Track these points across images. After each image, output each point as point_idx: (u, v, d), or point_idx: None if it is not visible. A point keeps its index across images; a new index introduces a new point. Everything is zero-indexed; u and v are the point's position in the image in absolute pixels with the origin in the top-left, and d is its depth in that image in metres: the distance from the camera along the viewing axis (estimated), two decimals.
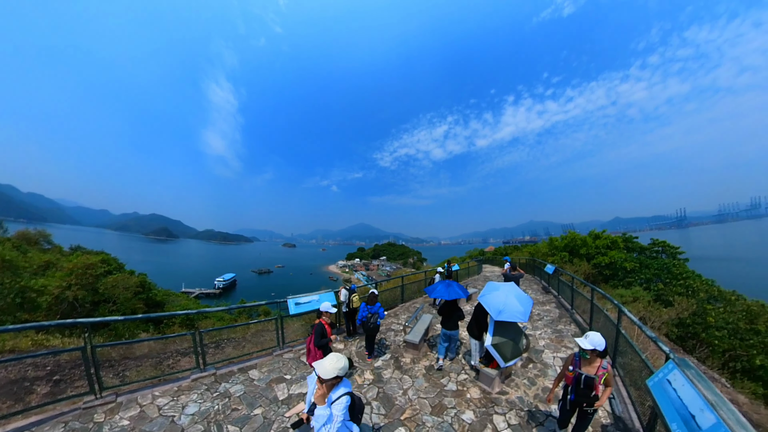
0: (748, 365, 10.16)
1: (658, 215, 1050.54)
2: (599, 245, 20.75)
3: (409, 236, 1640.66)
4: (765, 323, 11.07)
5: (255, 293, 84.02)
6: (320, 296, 7.70)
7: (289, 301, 7.26)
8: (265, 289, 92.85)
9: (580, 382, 3.42)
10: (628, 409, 4.65)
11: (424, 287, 13.01)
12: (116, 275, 13.99)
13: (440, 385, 5.65)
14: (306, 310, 7.43)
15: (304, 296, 7.54)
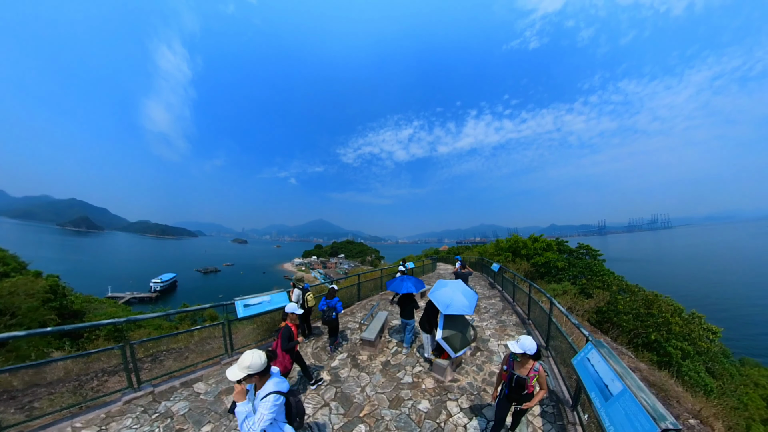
0: (647, 340, 12.83)
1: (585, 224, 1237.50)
2: (537, 247, 23.47)
3: (367, 234, 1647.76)
4: (657, 308, 13.89)
5: (200, 296, 73.21)
6: (272, 297, 7.24)
7: (237, 303, 6.64)
8: (212, 290, 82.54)
9: (512, 381, 3.62)
10: (559, 383, 5.52)
11: (380, 285, 13.32)
12: (15, 278, 11.04)
13: (397, 378, 5.87)
14: (257, 312, 6.87)
15: (254, 297, 6.96)
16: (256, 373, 2.54)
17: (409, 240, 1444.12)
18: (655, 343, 12.52)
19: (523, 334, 7.85)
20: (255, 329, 7.98)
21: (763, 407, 12.36)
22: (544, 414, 4.72)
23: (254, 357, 2.54)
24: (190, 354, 7.26)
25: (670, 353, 11.88)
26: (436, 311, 5.94)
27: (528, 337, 3.59)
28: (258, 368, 2.53)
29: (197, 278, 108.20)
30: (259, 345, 7.05)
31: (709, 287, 57.30)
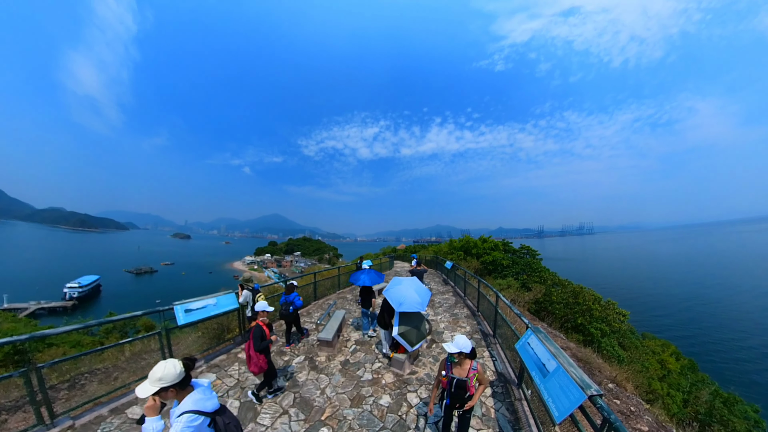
0: (574, 324, 15.40)
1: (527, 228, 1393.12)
2: (486, 247, 25.59)
3: (325, 231, 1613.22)
4: (582, 298, 16.67)
5: (131, 302, 61.21)
6: (218, 299, 6.51)
7: (177, 309, 5.72)
8: (147, 295, 69.87)
9: (452, 385, 3.46)
10: (506, 366, 6.13)
11: (338, 284, 13.15)
12: None
13: (357, 377, 5.82)
14: (201, 317, 6.05)
15: (198, 300, 6.15)
16: (172, 386, 2.15)
17: (368, 238, 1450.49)
18: (581, 326, 15.19)
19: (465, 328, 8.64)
20: (200, 337, 7.10)
21: (658, 368, 15.83)
22: (495, 394, 5.22)
23: (167, 367, 2.15)
24: (121, 373, 6.03)
25: (592, 333, 14.55)
26: (389, 309, 6.17)
27: (462, 336, 3.46)
28: (172, 379, 2.14)
29: (128, 281, 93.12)
30: (205, 355, 6.45)
31: (620, 280, 71.99)
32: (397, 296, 5.87)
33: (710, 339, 34.60)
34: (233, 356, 6.54)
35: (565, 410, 2.94)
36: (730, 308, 45.40)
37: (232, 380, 5.56)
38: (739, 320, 39.98)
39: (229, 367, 6.05)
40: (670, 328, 37.51)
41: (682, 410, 12.23)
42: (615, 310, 16.77)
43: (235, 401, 4.92)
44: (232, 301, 6.82)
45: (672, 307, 47.80)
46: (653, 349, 19.07)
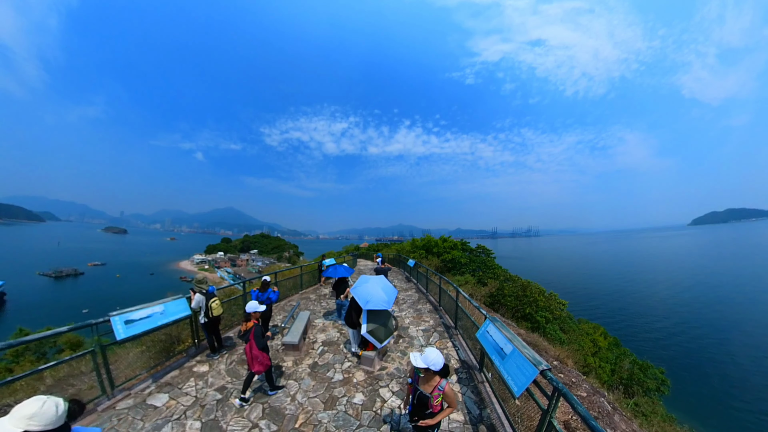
0: (524, 313, 17.65)
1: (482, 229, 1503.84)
2: (446, 246, 27.07)
3: (285, 228, 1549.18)
4: (530, 291, 19.02)
5: (49, 313, 49.92)
6: (165, 306, 5.67)
7: (115, 320, 4.74)
8: (70, 304, 58.51)
9: (415, 396, 3.15)
10: (468, 354, 6.59)
11: (300, 284, 12.76)
12: None
13: (327, 379, 5.70)
14: (146, 329, 5.13)
15: (140, 309, 5.23)
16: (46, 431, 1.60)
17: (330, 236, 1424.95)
18: (529, 315, 17.48)
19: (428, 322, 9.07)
20: (144, 352, 6.06)
21: (591, 346, 19.03)
22: (460, 380, 5.57)
23: (45, 406, 1.61)
24: None
25: (538, 321, 16.98)
26: (360, 306, 6.19)
27: (434, 350, 3.01)
28: (47, 424, 1.59)
29: (43, 286, 76.46)
30: (153, 372, 5.58)
31: (561, 275, 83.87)
32: (364, 294, 5.96)
33: (630, 321, 42.46)
34: (187, 371, 5.79)
35: (522, 385, 3.43)
36: (645, 297, 55.26)
37: (188, 398, 4.92)
38: (652, 306, 49.08)
39: (184, 384, 5.35)
40: (600, 314, 44.39)
41: (610, 378, 15.75)
42: (556, 301, 19.62)
43: (196, 422, 4.36)
44: (183, 308, 6.03)
45: (602, 297, 56.42)
46: (587, 331, 22.75)
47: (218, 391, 5.14)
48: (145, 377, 5.39)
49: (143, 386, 5.11)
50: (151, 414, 4.44)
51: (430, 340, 7.62)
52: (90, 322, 4.51)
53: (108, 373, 4.69)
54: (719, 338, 34.44)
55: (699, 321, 40.41)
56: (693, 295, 54.33)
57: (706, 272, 76.43)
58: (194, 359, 6.22)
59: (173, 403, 4.76)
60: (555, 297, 19.82)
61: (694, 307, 46.75)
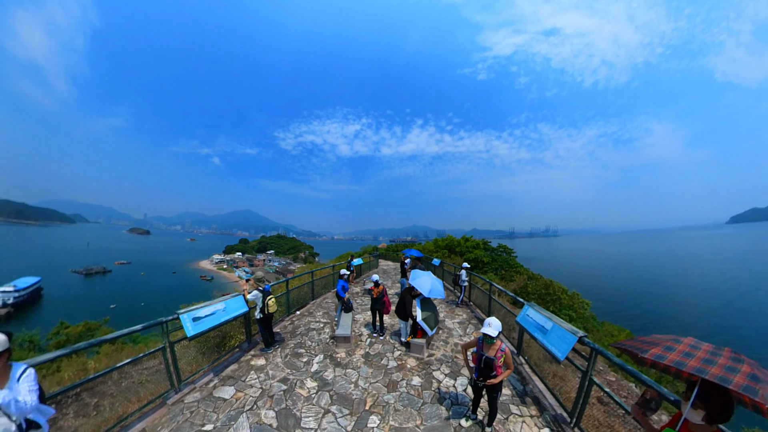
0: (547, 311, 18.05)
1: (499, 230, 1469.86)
2: (468, 246, 26.88)
3: (301, 229, 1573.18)
4: (552, 290, 19.21)
5: (80, 306, 53.93)
6: (226, 303, 5.89)
7: (184, 318, 4.88)
8: (99, 298, 61.64)
9: (481, 362, 3.84)
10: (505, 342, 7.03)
11: (332, 282, 12.99)
12: None
13: (383, 366, 6.09)
14: (211, 325, 5.32)
15: (203, 306, 5.38)
16: (4, 353, 2.26)
17: (345, 237, 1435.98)
18: (553, 312, 17.01)
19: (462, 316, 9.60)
20: (201, 348, 6.13)
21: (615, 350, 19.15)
22: None
23: None
24: (113, 402, 4.47)
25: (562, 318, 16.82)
26: (411, 300, 6.77)
27: (495, 319, 3.81)
28: (4, 345, 2.26)
29: (76, 283, 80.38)
30: (214, 366, 5.77)
31: (582, 276, 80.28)
32: (425, 285, 6.57)
33: (659, 328, 40.25)
34: (245, 364, 5.99)
35: (566, 350, 4.18)
36: (675, 303, 51.84)
37: (255, 390, 5.09)
38: (677, 310, 46.51)
39: (245, 376, 5.53)
40: (625, 318, 42.42)
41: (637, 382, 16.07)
42: (579, 300, 19.53)
43: (269, 411, 4.50)
44: (241, 305, 6.29)
45: (627, 301, 53.74)
46: (611, 332, 22.46)
47: (282, 382, 5.33)
48: (206, 371, 5.58)
49: (206, 380, 5.31)
50: (222, 406, 4.62)
51: (467, 331, 8.23)
52: (161, 320, 4.55)
53: (176, 369, 4.80)
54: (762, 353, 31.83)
55: (735, 330, 37.47)
56: (726, 300, 50.78)
57: (745, 276, 70.82)
58: (249, 353, 6.50)
59: (241, 395, 4.94)
60: (578, 296, 19.73)
61: (728, 314, 43.74)
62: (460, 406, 4.74)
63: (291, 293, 9.10)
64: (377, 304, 7.48)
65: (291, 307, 9.16)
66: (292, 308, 9.30)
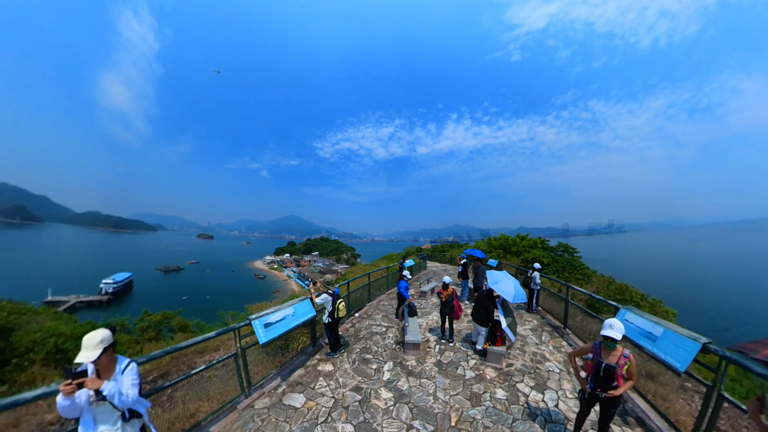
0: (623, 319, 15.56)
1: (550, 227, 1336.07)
2: (525, 245, 24.54)
3: (342, 231, 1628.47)
4: (629, 294, 15.96)
5: (160, 297, 65.29)
6: (295, 308, 5.74)
7: (256, 324, 4.78)
8: (175, 291, 73.34)
9: (600, 370, 3.25)
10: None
11: (386, 284, 12.57)
12: None
13: (460, 376, 5.50)
14: (283, 331, 5.23)
15: (274, 312, 5.29)
16: (111, 347, 2.43)
17: (385, 238, 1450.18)
18: None
19: (532, 322, 8.50)
20: (268, 351, 5.86)
21: None
22: None
23: (103, 332, 2.41)
24: (185, 394, 4.26)
25: None
26: (492, 303, 6.21)
27: (616, 320, 3.30)
28: (110, 340, 2.42)
29: (157, 278, 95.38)
30: (281, 370, 5.62)
31: (659, 281, 66.22)
32: (508, 289, 5.97)
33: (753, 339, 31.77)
34: (313, 370, 5.70)
35: (686, 360, 3.55)
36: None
37: (326, 399, 4.75)
38: None
39: (314, 383, 5.24)
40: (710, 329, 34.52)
41: None
42: (662, 309, 16.15)
43: (346, 425, 4.15)
44: (309, 308, 6.17)
45: (714, 309, 43.60)
46: None
47: (355, 391, 5.01)
48: (273, 375, 5.45)
49: (274, 384, 5.14)
50: (294, 416, 4.35)
51: (543, 339, 7.43)
52: (233, 326, 4.49)
53: (247, 374, 4.69)
54: None
55: None
56: None
57: None
58: (315, 357, 6.27)
59: (312, 404, 4.64)
60: (659, 304, 16.51)
61: None
62: (555, 423, 4.17)
63: (351, 295, 8.89)
64: (446, 307, 6.85)
65: (350, 309, 8.97)
66: (351, 310, 9.11)
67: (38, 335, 9.87)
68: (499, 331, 6.20)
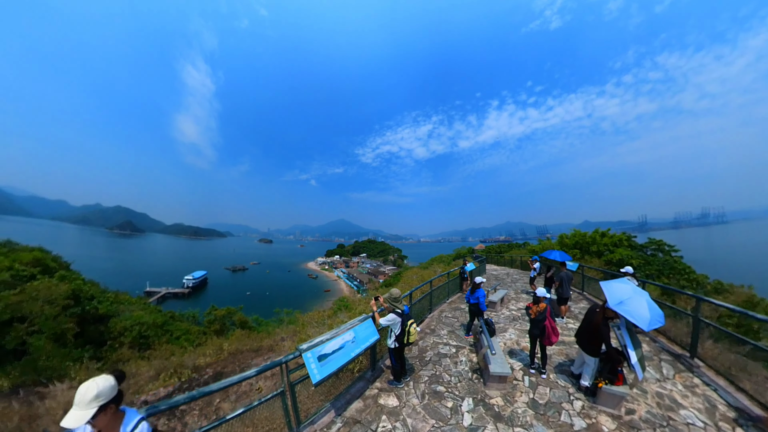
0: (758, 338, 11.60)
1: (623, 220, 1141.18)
2: (607, 243, 20.58)
3: (388, 233, 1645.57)
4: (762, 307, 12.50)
5: (229, 292, 78.35)
6: (355, 331, 4.68)
7: (307, 358, 3.84)
8: (240, 287, 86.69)
9: None
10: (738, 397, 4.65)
11: (447, 291, 10.99)
12: (39, 282, 9.90)
13: (566, 426, 4.07)
14: (341, 364, 4.22)
15: (331, 339, 4.28)
16: (112, 403, 1.87)
17: (431, 239, 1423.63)
18: None
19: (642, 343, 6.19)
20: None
21: None
22: None
23: (100, 383, 1.83)
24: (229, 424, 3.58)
25: None
26: (607, 327, 4.54)
27: None
28: (109, 394, 1.86)
29: (226, 276, 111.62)
30: (334, 401, 4.63)
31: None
32: (640, 310, 4.08)
33: None
34: (372, 403, 4.61)
35: None
36: None
37: None
38: None
39: (375, 422, 4.18)
40: None
41: None
42: None
43: None
44: (372, 331, 5.03)
45: None
46: None
47: None
48: (326, 408, 4.47)
49: (327, 420, 4.19)
50: None
51: (665, 373, 5.40)
52: (280, 360, 3.55)
53: (296, 411, 3.90)
54: None
55: None
56: None
57: None
58: (374, 386, 5.12)
59: None
60: None
61: None
62: None
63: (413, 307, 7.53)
64: (536, 328, 5.25)
65: None
66: None
67: (128, 322, 12.41)
68: (620, 365, 4.55)
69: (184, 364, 7.41)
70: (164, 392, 6.31)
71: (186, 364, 7.44)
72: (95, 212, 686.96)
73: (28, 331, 8.33)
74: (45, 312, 8.78)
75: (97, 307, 12.49)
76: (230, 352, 8.28)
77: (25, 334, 8.21)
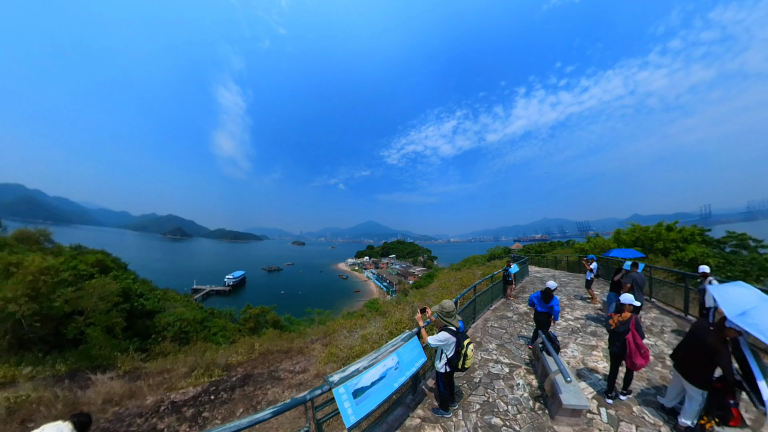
0: None
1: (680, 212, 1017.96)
2: (675, 238, 17.71)
3: (417, 234, 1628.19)
4: None
5: (265, 291, 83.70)
6: (398, 354, 3.83)
7: (340, 396, 3.05)
8: (275, 286, 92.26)
9: None
10: None
11: (491, 296, 9.79)
12: (95, 280, 10.80)
13: None
14: (381, 399, 3.43)
15: (368, 367, 3.43)
16: None
17: (461, 238, 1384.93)
18: None
19: None
20: None
21: None
22: None
23: None
24: None
25: None
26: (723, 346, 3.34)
27: None
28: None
29: (263, 275, 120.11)
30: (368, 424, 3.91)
31: None
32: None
33: None
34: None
35: None
36: None
37: None
38: None
39: None
40: None
41: None
42: None
43: None
44: (418, 352, 4.14)
45: None
46: None
47: None
48: None
49: None
50: None
51: None
52: (303, 397, 2.79)
53: None
54: None
55: None
56: None
57: None
58: (415, 413, 4.22)
59: None
60: None
61: None
62: None
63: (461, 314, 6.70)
64: (615, 343, 4.07)
65: None
66: None
67: (171, 318, 13.39)
68: (733, 398, 3.38)
69: (216, 362, 7.40)
70: (193, 392, 6.16)
71: (218, 362, 7.41)
72: (151, 220, 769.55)
73: (86, 323, 9.39)
74: (98, 307, 9.71)
75: (144, 303, 13.69)
76: (261, 352, 8.26)
77: (83, 326, 9.26)
